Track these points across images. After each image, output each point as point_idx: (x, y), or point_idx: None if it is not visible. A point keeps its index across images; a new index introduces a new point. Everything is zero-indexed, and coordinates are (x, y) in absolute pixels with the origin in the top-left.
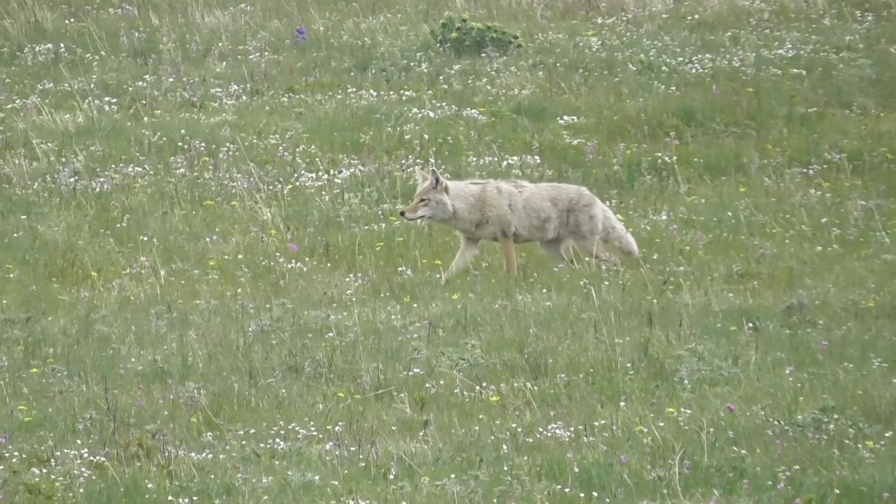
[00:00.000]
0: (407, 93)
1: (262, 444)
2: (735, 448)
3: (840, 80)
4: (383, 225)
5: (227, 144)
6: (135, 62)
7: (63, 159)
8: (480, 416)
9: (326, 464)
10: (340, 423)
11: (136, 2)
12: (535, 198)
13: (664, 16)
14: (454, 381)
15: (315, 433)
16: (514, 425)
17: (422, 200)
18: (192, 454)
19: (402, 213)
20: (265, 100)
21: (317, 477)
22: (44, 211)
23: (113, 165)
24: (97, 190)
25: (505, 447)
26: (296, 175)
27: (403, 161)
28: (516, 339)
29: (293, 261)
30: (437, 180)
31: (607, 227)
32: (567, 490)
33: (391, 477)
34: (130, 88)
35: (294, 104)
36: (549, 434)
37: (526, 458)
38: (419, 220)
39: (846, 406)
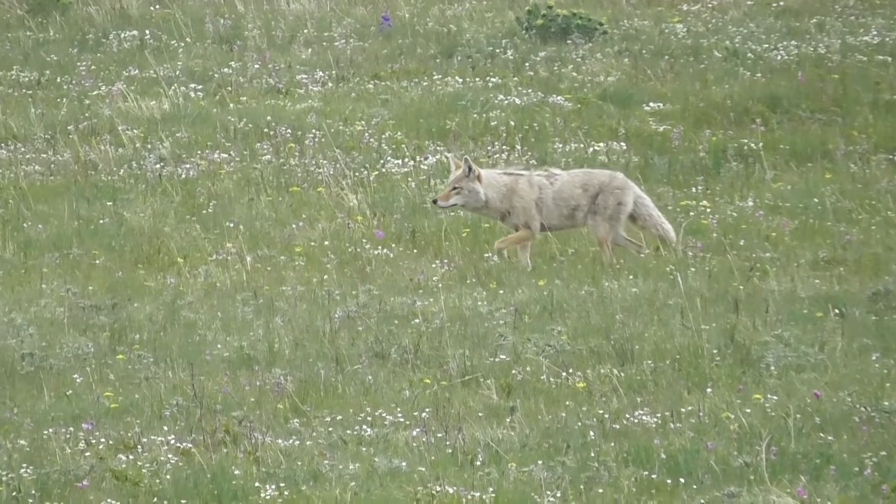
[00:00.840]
0: (493, 79)
1: (348, 431)
2: (822, 434)
3: None
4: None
5: (313, 131)
6: (220, 49)
7: (149, 146)
8: (567, 403)
9: (413, 450)
10: (427, 410)
11: None
12: (566, 186)
13: (749, 2)
14: (541, 368)
15: (402, 419)
16: (600, 411)
17: (454, 188)
18: (279, 441)
19: (435, 201)
20: (351, 86)
21: (403, 463)
22: (130, 197)
23: (199, 152)
24: (183, 176)
25: (592, 433)
26: (382, 161)
27: (489, 147)
28: (603, 325)
29: (379, 247)
30: (470, 168)
31: (643, 214)
32: (654, 476)
33: (478, 463)
34: (216, 75)
35: (380, 91)
36: (636, 420)
37: (613, 444)
38: (451, 208)
39: None
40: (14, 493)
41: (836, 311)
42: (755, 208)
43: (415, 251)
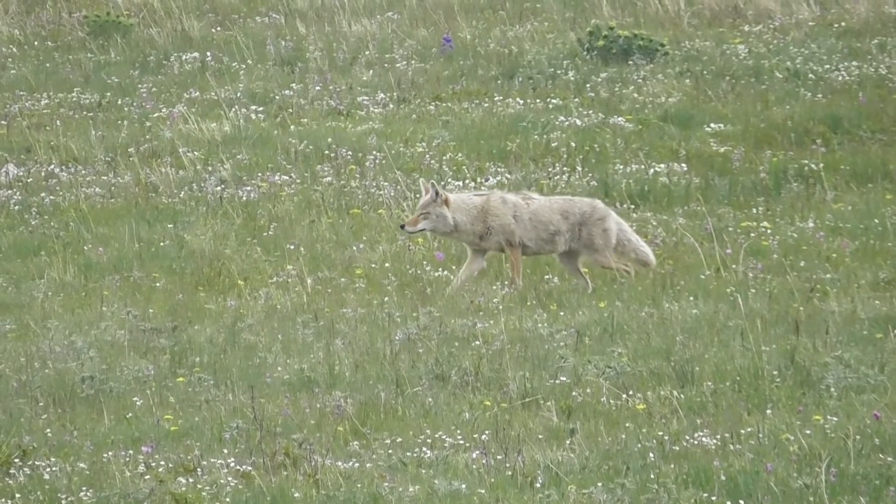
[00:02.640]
0: (554, 101)
1: (408, 453)
2: (881, 455)
3: None
4: None
5: (374, 152)
6: (281, 70)
7: (209, 168)
8: (627, 424)
9: (473, 472)
10: (487, 432)
11: (283, 10)
12: (543, 210)
13: (811, 23)
14: (601, 389)
15: (462, 442)
16: (660, 433)
17: (422, 213)
18: (339, 463)
19: (403, 227)
20: (412, 108)
21: (463, 485)
22: (190, 220)
23: (259, 174)
24: (244, 198)
25: (651, 455)
26: (443, 183)
27: (550, 169)
28: (663, 346)
29: (440, 269)
30: (437, 193)
31: (622, 239)
32: (713, 498)
33: (538, 485)
34: (277, 97)
35: (441, 112)
36: (696, 442)
37: (672, 465)
38: (420, 234)
39: None
40: None
41: None
42: (815, 229)
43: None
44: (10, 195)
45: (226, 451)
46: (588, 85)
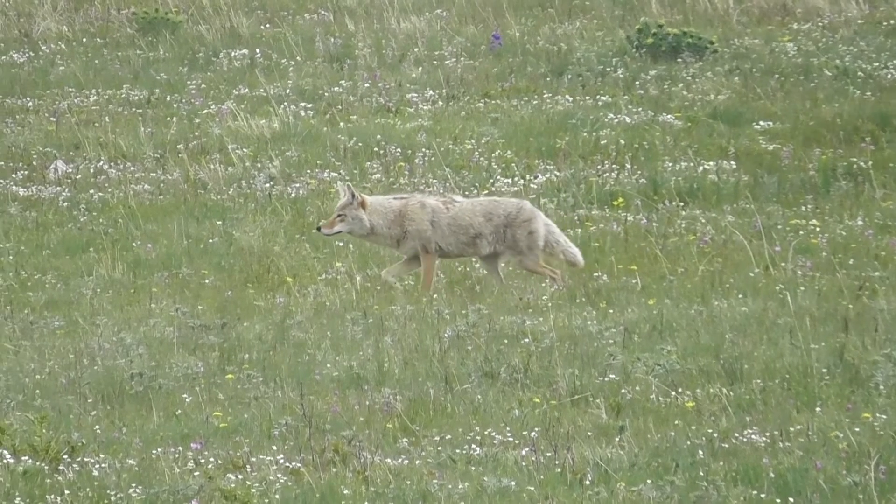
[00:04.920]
0: (603, 98)
1: (457, 450)
2: None
3: None
4: (579, 230)
5: (423, 150)
6: (330, 67)
7: (258, 165)
8: (676, 422)
9: (522, 469)
10: (536, 429)
11: (332, 7)
12: (464, 213)
13: (860, 21)
14: (650, 387)
15: (511, 439)
16: (709, 431)
17: (339, 216)
18: (388, 460)
19: (319, 228)
20: (461, 105)
21: (513, 483)
22: (239, 216)
23: (308, 171)
24: (292, 195)
25: (700, 452)
26: (492, 180)
27: (599, 166)
28: (712, 344)
29: None
30: (353, 195)
31: (551, 241)
32: (762, 495)
33: (587, 482)
34: (326, 94)
35: (490, 109)
36: (745, 439)
37: (721, 463)
38: (336, 236)
39: None
40: None
41: None
42: (864, 227)
43: (524, 270)
44: (59, 192)
45: (275, 447)
46: (637, 82)
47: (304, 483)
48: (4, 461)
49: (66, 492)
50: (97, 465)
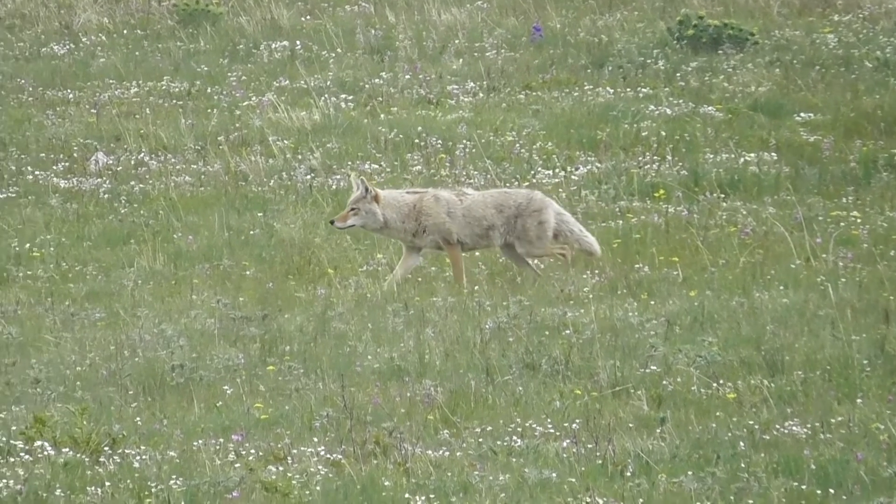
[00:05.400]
0: (643, 90)
1: (498, 442)
2: None
3: None
4: (620, 222)
5: (464, 141)
6: (371, 59)
7: (299, 156)
8: (717, 413)
9: (563, 461)
10: (577, 421)
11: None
12: (477, 206)
13: None
14: (691, 378)
15: (552, 430)
16: (750, 422)
17: (352, 209)
18: (429, 452)
19: (332, 222)
20: (501, 97)
21: (554, 474)
22: (280, 208)
23: (349, 162)
24: (333, 187)
25: (742, 444)
26: (532, 172)
27: (640, 158)
28: (753, 336)
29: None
30: (367, 189)
31: (564, 230)
32: (804, 487)
33: (628, 474)
34: (367, 85)
35: (531, 101)
36: (786, 431)
37: (762, 455)
38: (349, 230)
39: None
40: None
41: None
42: None
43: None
44: (100, 183)
45: (316, 439)
46: (678, 74)
47: (344, 475)
48: (45, 453)
49: (107, 483)
50: (138, 457)
